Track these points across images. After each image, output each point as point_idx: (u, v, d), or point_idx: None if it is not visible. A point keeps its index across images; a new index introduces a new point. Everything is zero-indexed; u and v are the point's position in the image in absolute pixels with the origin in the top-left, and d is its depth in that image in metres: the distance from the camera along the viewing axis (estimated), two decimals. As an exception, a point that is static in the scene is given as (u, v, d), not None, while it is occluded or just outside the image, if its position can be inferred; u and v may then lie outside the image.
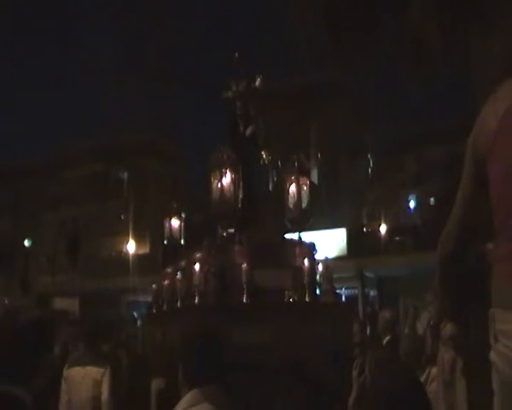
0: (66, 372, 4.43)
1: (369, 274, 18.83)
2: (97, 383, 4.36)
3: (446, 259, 1.69)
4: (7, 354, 1.89)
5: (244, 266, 4.82)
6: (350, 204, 22.17)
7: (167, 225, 6.74)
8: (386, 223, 20.85)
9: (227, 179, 5.72)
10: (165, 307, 5.66)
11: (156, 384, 5.16)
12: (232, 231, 5.65)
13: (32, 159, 29.02)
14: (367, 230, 21.63)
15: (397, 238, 19.88)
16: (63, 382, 4.44)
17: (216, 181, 5.72)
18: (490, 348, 1.50)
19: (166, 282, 5.83)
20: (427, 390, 3.65)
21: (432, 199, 24.42)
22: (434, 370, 3.66)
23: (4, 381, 1.79)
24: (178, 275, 5.49)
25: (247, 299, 4.69)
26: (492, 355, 1.44)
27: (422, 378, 3.71)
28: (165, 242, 6.80)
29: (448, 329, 3.44)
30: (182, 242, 6.73)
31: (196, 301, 4.83)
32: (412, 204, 25.60)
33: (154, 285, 6.32)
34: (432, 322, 4.58)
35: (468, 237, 1.62)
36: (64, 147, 28.40)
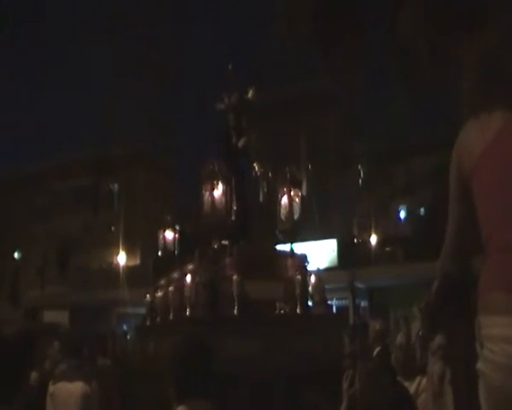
0: (52, 388, 4.29)
1: (359, 285, 18.84)
2: (86, 399, 4.24)
3: (447, 275, 1.77)
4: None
5: (235, 277, 4.83)
6: (340, 215, 22.26)
7: (161, 236, 6.72)
8: (376, 234, 20.94)
9: (218, 191, 5.74)
10: (158, 319, 5.65)
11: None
12: (224, 242, 5.66)
13: (22, 170, 28.83)
14: (357, 240, 21.71)
15: (387, 249, 19.97)
16: (49, 397, 4.30)
17: (207, 193, 5.74)
18: (476, 359, 1.54)
19: (159, 294, 5.82)
20: (418, 401, 3.67)
21: (422, 209, 24.60)
22: (425, 381, 3.69)
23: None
24: (171, 287, 5.48)
25: (237, 311, 4.70)
26: (479, 365, 1.49)
27: (413, 389, 3.73)
28: (160, 253, 6.76)
29: (437, 340, 3.48)
30: (176, 253, 6.70)
31: (187, 313, 4.83)
32: (402, 215, 25.76)
33: (147, 296, 6.29)
34: (420, 333, 4.62)
35: (464, 252, 1.70)
36: (54, 158, 28.27)
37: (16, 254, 26.80)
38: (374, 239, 20.42)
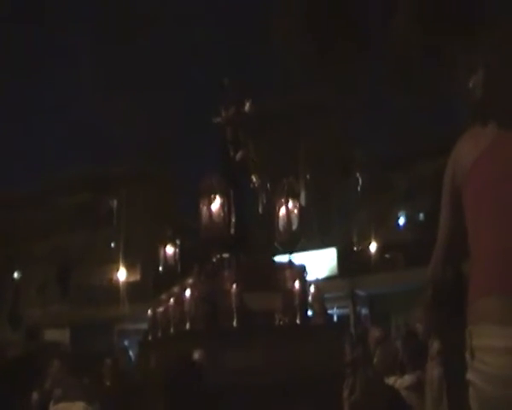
0: (53, 408, 4.26)
1: (360, 293, 18.82)
2: None
3: (438, 285, 1.80)
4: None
5: (233, 290, 4.86)
6: (340, 224, 22.29)
7: (162, 252, 6.74)
8: (376, 241, 20.94)
9: (216, 205, 5.79)
10: (159, 333, 5.68)
11: None
12: (224, 255, 5.70)
13: (21, 188, 28.84)
14: (357, 248, 21.70)
15: (387, 255, 19.96)
16: None
17: (205, 207, 5.79)
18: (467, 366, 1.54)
19: (161, 309, 5.86)
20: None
21: (421, 215, 24.59)
22: (399, 381, 3.73)
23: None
24: (171, 302, 5.52)
25: (237, 323, 4.72)
26: (469, 375, 1.49)
27: None
28: (161, 268, 6.78)
29: (435, 345, 3.50)
30: (178, 268, 6.72)
31: (187, 327, 4.85)
32: (402, 221, 25.74)
33: (149, 312, 6.32)
34: (404, 334, 4.66)
35: (455, 258, 1.74)
36: (53, 176, 28.29)
37: (16, 274, 26.73)
38: (373, 246, 20.43)
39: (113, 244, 26.15)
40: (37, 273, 25.77)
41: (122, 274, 23.09)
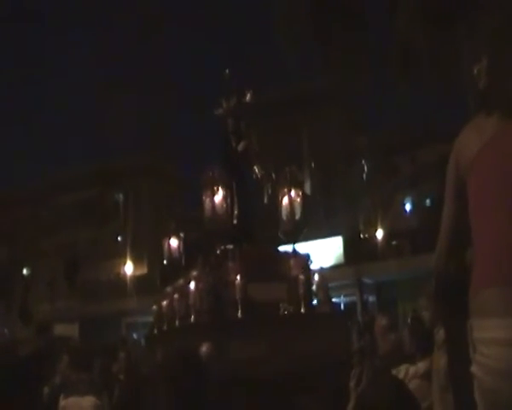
0: (63, 403, 4.31)
1: (367, 280, 18.81)
2: None
3: (443, 273, 1.78)
4: (3, 388, 1.90)
5: (238, 281, 4.85)
6: (345, 211, 22.24)
7: (166, 245, 6.75)
8: (382, 228, 20.88)
9: (219, 197, 5.78)
10: (165, 327, 5.69)
11: None
12: (228, 247, 5.69)
13: (27, 187, 29.00)
14: (363, 236, 21.66)
15: (394, 243, 19.91)
16: None
17: (208, 199, 5.77)
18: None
19: (166, 302, 5.87)
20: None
21: (428, 201, 24.48)
22: (412, 369, 3.70)
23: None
24: (176, 295, 5.52)
25: (241, 314, 4.72)
26: (472, 368, 1.48)
27: (400, 377, 3.70)
28: (165, 261, 6.79)
29: (442, 333, 3.47)
30: (182, 260, 6.72)
31: (192, 319, 4.86)
32: (408, 207, 25.64)
33: (154, 306, 6.33)
34: (409, 321, 4.63)
35: (458, 249, 1.72)
36: (58, 173, 28.42)
37: (25, 271, 26.96)
38: (380, 233, 20.38)
39: (119, 238, 26.29)
40: (45, 270, 25.97)
41: (129, 268, 23.23)
